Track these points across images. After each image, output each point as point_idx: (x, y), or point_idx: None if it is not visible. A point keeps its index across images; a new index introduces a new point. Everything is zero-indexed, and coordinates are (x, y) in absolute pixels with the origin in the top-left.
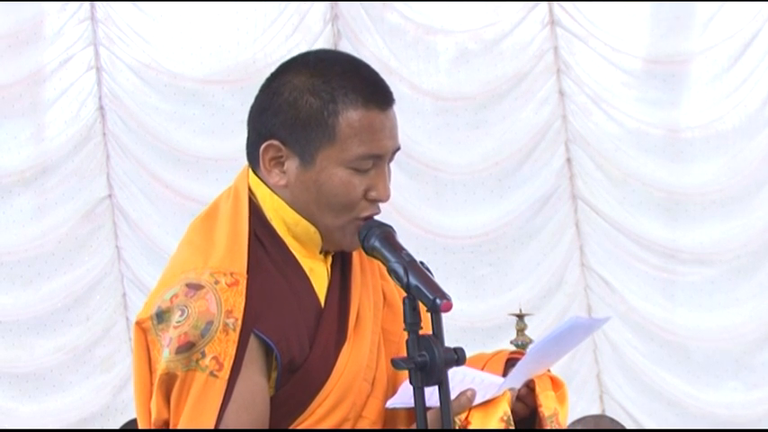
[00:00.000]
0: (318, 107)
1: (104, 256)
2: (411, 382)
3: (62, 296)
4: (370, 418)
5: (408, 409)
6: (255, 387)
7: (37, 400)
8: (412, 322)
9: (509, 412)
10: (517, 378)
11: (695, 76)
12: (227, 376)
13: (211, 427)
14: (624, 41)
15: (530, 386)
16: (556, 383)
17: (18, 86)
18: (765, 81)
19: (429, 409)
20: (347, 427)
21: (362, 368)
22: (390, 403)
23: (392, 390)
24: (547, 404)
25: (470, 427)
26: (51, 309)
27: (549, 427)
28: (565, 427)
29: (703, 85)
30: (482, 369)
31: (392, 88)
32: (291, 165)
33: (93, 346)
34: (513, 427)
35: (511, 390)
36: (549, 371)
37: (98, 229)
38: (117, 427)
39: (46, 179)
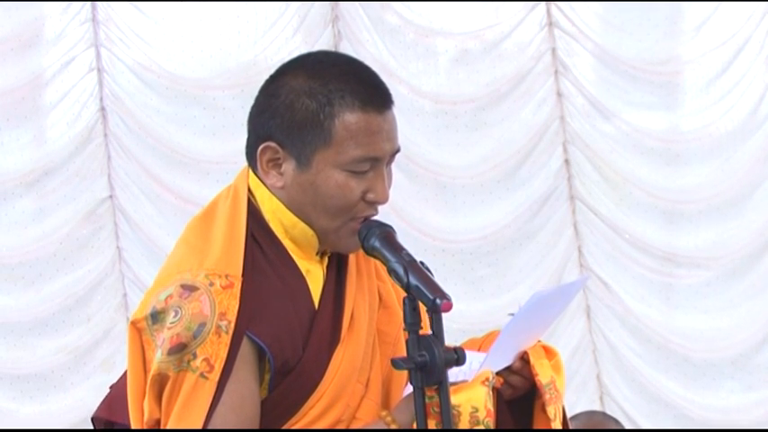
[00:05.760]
0: (314, 110)
1: (105, 257)
2: (411, 382)
3: (63, 297)
4: (364, 420)
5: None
6: (245, 390)
7: (38, 400)
8: (412, 322)
9: (490, 376)
10: (499, 358)
11: (690, 80)
12: (216, 378)
13: (198, 428)
14: (619, 45)
15: (524, 358)
16: (549, 352)
17: (21, 90)
18: (757, 85)
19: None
20: (341, 428)
21: (356, 370)
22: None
23: (386, 391)
24: (543, 372)
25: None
26: (53, 310)
27: (547, 395)
28: (562, 393)
29: (698, 89)
30: (478, 351)
31: (391, 90)
32: (288, 167)
33: (94, 347)
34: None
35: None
36: (540, 341)
37: (99, 230)
38: None
39: (48, 181)
